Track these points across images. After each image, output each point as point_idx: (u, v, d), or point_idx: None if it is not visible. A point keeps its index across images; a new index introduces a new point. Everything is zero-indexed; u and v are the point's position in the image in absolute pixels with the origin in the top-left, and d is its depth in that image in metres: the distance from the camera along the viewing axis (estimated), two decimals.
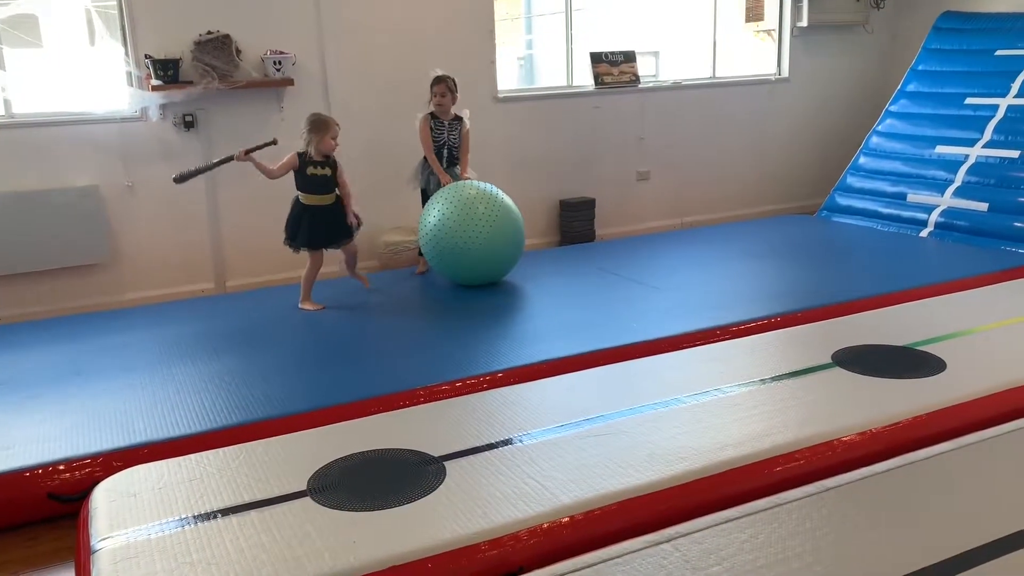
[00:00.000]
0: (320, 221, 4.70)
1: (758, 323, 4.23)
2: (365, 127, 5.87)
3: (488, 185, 5.06)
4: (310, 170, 4.65)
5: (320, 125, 4.63)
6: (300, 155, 4.65)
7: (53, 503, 2.91)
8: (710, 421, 3.00)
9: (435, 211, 4.93)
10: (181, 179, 4.63)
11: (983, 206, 5.89)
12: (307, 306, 4.78)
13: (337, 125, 4.71)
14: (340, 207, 4.75)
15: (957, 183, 6.17)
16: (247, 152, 4.60)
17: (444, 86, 5.15)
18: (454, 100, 5.21)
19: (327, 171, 4.68)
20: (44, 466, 2.97)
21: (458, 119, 5.28)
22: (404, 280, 5.39)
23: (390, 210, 5.98)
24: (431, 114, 5.23)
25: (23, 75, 5.14)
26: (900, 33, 7.81)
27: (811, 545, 2.26)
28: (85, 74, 5.33)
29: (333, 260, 5.17)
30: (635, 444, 2.83)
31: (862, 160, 6.93)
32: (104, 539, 2.40)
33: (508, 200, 5.06)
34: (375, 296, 5.00)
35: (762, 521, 2.39)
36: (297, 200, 4.73)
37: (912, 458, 2.73)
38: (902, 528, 2.35)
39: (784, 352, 3.69)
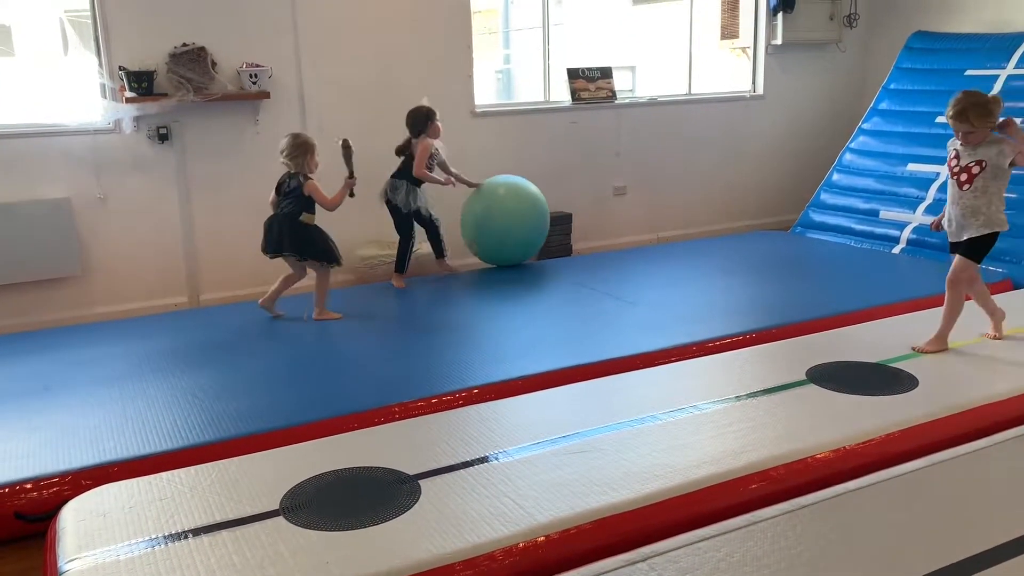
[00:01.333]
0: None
1: (733, 339, 4.25)
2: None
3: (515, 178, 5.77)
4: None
5: (311, 146, 4.63)
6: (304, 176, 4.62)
7: (19, 522, 2.85)
8: (686, 438, 3.01)
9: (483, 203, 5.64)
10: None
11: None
12: (326, 316, 4.78)
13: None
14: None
15: (928, 200, 6.25)
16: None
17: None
18: None
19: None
20: (10, 484, 2.91)
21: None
22: (380, 295, 5.36)
23: (365, 224, 5.96)
24: None
25: None
26: (872, 52, 7.93)
27: (786, 563, 2.27)
28: (58, 85, 5.27)
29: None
30: (611, 462, 2.83)
31: (835, 177, 7.01)
32: (72, 560, 2.36)
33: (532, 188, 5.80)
34: (351, 310, 4.97)
35: (737, 539, 2.39)
36: (304, 222, 4.63)
37: (886, 475, 2.75)
38: (876, 545, 2.36)
39: (759, 369, 3.71)
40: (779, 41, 7.46)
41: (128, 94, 5.09)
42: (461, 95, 6.25)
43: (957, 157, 3.72)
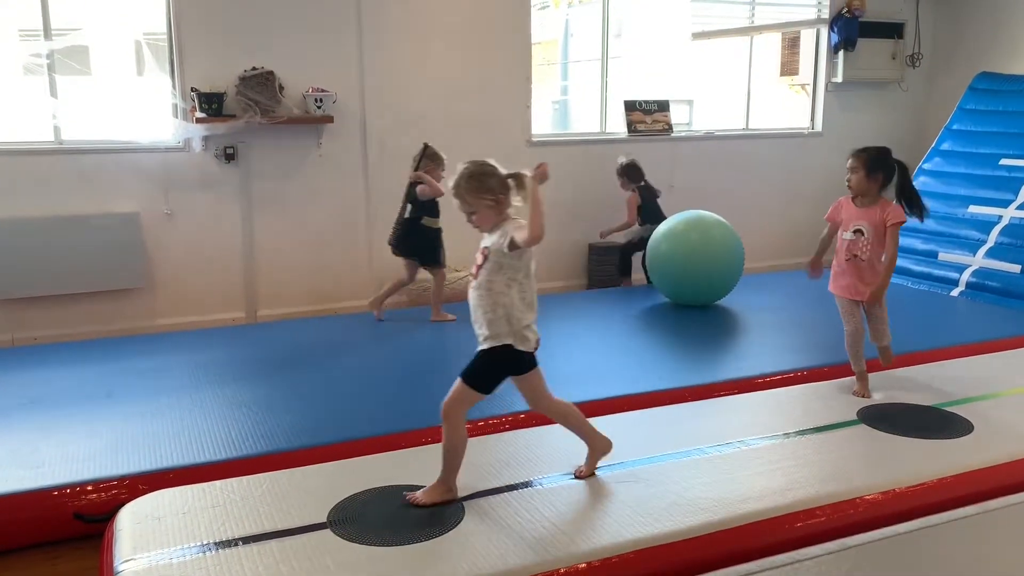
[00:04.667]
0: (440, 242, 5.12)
1: (784, 376, 4.21)
2: (399, 164, 5.96)
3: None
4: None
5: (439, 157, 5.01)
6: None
7: (78, 523, 2.95)
8: (732, 473, 2.99)
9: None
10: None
11: (1015, 268, 5.84)
12: (440, 318, 5.17)
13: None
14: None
15: (990, 243, 6.14)
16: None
17: None
18: None
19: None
20: (71, 486, 3.02)
21: None
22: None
23: None
24: None
25: (72, 103, 5.30)
26: (935, 92, 7.83)
27: None
28: (132, 104, 5.49)
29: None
30: (656, 493, 2.83)
31: None
32: (127, 561, 2.44)
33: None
34: (404, 331, 5.05)
35: None
36: (424, 225, 5.03)
37: (936, 520, 2.70)
38: None
39: (809, 407, 3.67)
40: (839, 79, 7.42)
41: (198, 114, 5.28)
42: (518, 124, 6.34)
43: None
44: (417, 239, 5.07)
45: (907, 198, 3.68)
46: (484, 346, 2.74)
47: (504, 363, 2.76)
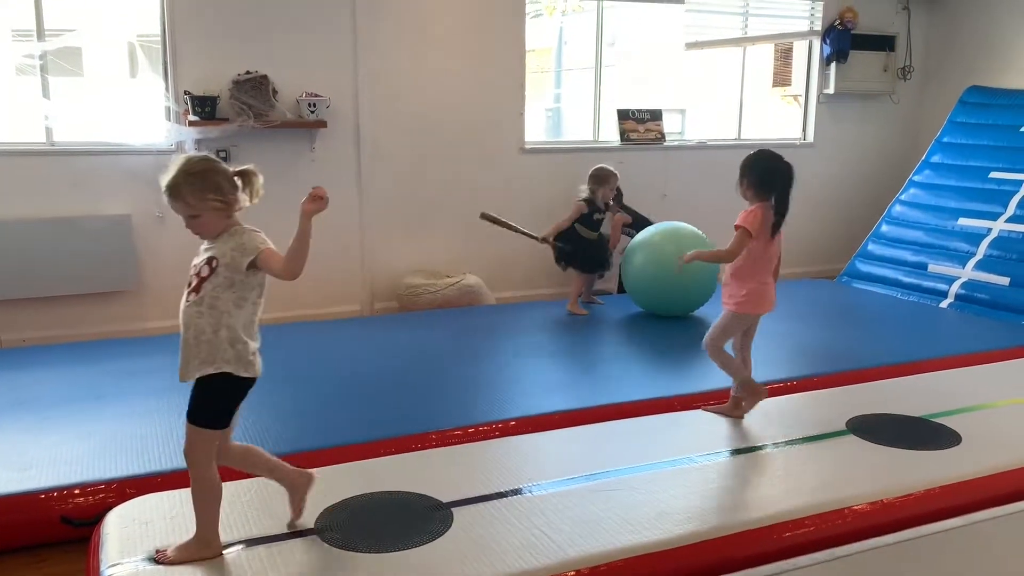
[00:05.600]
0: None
1: (773, 386, 4.21)
2: (392, 170, 5.99)
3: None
4: (596, 215, 5.54)
5: (604, 178, 5.48)
6: (588, 201, 5.47)
7: (65, 527, 2.93)
8: (721, 482, 3.00)
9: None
10: (486, 218, 5.45)
11: (1005, 280, 5.88)
12: (575, 310, 5.58)
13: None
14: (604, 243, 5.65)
15: (979, 256, 6.18)
16: (549, 240, 5.51)
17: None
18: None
19: (603, 215, 5.56)
20: (59, 489, 3.00)
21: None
22: (422, 323, 5.43)
23: (412, 252, 6.07)
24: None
25: (65, 104, 5.29)
26: (926, 104, 7.88)
27: None
28: (125, 106, 5.48)
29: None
30: (644, 501, 2.83)
31: (884, 228, 6.96)
32: (113, 565, 2.43)
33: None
34: (394, 338, 5.04)
35: None
36: (579, 235, 5.48)
37: (924, 531, 2.71)
38: None
39: (799, 417, 3.68)
40: (831, 90, 7.46)
41: (191, 117, 5.27)
42: (511, 131, 6.35)
43: (198, 254, 2.52)
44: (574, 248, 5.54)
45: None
46: (198, 374, 2.35)
47: (227, 391, 2.39)
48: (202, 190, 2.38)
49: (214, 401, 2.38)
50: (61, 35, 5.16)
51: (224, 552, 2.47)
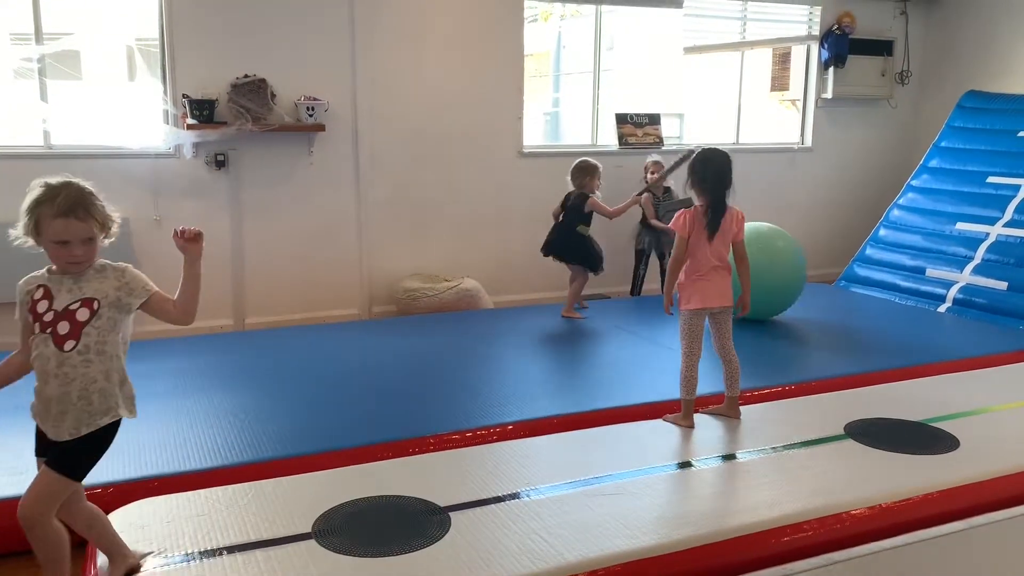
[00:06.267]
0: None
1: (772, 390, 4.22)
2: (391, 174, 5.99)
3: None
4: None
5: (591, 169, 5.47)
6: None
7: None
8: (719, 487, 3.00)
9: None
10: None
11: (1002, 285, 5.88)
12: (572, 315, 5.54)
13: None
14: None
15: (977, 260, 6.18)
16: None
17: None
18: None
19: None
20: None
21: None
22: (420, 327, 5.43)
23: (410, 256, 6.07)
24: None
25: (63, 107, 5.28)
26: (924, 109, 7.90)
27: None
28: (123, 109, 5.48)
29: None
30: (642, 505, 2.83)
31: (882, 232, 6.96)
32: None
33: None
34: (391, 342, 5.04)
35: None
36: (582, 234, 5.48)
37: (922, 535, 2.71)
38: None
39: (797, 421, 3.68)
40: (829, 95, 7.48)
41: (189, 121, 5.27)
42: (510, 135, 6.35)
43: (47, 296, 2.28)
44: (574, 245, 5.55)
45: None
46: (93, 428, 2.18)
47: (111, 437, 2.25)
48: (104, 214, 2.21)
49: (100, 451, 2.24)
50: (59, 38, 5.15)
51: (222, 556, 2.46)
